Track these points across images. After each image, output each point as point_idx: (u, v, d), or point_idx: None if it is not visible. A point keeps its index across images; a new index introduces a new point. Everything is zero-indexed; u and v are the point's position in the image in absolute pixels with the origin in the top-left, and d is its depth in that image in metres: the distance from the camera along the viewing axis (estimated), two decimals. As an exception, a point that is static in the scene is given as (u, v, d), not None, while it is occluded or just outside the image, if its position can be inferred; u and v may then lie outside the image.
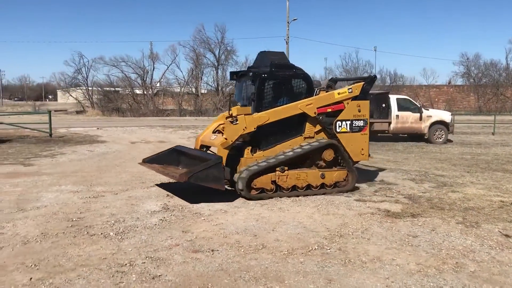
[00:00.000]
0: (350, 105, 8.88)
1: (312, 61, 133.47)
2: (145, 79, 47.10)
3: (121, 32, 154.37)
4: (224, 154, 7.91)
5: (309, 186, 8.30)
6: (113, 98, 45.07)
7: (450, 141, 18.70)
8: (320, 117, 8.62)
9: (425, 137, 18.20)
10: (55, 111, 41.71)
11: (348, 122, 8.82)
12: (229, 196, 7.91)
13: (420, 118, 17.96)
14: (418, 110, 18.09)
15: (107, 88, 47.04)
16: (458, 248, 5.50)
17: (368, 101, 9.13)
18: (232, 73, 9.55)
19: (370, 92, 20.47)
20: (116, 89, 47.51)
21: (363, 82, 9.19)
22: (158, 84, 49.34)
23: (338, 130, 8.74)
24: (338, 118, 8.73)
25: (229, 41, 58.02)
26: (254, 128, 8.21)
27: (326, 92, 9.01)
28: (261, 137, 8.45)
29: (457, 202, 7.82)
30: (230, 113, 8.16)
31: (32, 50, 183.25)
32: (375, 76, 10.04)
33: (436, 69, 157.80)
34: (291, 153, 8.24)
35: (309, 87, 8.90)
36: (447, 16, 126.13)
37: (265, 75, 8.39)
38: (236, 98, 9.28)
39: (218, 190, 7.54)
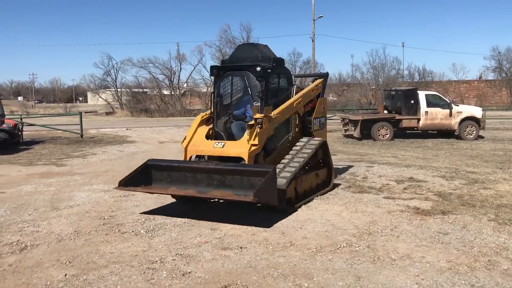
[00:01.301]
0: (319, 102, 8.88)
1: (339, 58, 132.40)
2: (172, 79, 47.57)
3: (149, 34, 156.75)
4: (251, 162, 6.91)
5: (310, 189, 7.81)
6: (141, 99, 45.69)
7: (481, 137, 18.28)
8: (305, 115, 8.54)
9: (456, 133, 17.86)
10: (85, 112, 42.61)
11: (318, 120, 8.81)
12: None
13: (450, 114, 17.63)
14: (447, 106, 17.77)
15: (136, 89, 47.73)
16: (490, 245, 5.39)
17: (326, 98, 9.11)
18: (214, 68, 8.02)
19: (398, 88, 20.34)
20: (144, 90, 48.17)
21: (322, 79, 9.10)
22: (185, 85, 49.75)
23: (314, 128, 8.66)
24: (314, 116, 8.64)
25: (254, 40, 57.80)
26: (273, 131, 7.52)
27: (301, 89, 8.73)
28: (268, 140, 7.50)
29: (489, 199, 7.65)
30: (211, 113, 7.65)
31: (62, 54, 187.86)
32: (327, 73, 9.69)
33: (466, 64, 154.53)
34: (304, 155, 7.63)
35: (290, 83, 8.63)
36: (476, 10, 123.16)
37: (270, 70, 7.68)
38: (217, 96, 7.97)
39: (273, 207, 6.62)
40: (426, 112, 17.56)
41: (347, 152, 14.20)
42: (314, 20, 36.57)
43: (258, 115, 7.03)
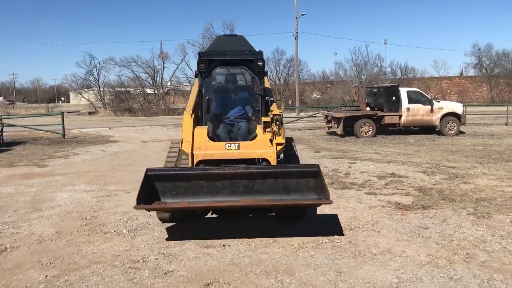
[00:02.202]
0: None
1: (322, 56, 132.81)
2: (155, 78, 47.32)
3: (131, 33, 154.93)
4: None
5: None
6: (125, 98, 45.39)
7: (462, 132, 18.55)
8: None
9: (437, 129, 18.08)
10: (67, 112, 42.17)
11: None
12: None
13: (431, 110, 17.85)
14: (429, 102, 17.99)
15: (118, 89, 47.38)
16: (469, 238, 5.50)
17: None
18: (203, 62, 6.74)
19: (380, 85, 20.52)
20: (127, 89, 47.84)
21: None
22: (168, 83, 49.50)
23: None
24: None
25: (238, 38, 57.85)
26: None
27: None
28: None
29: (469, 193, 7.79)
30: (200, 113, 6.70)
31: (43, 53, 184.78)
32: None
33: (448, 61, 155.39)
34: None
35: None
36: (457, 7, 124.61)
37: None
38: (206, 94, 6.87)
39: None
40: (408, 108, 17.75)
41: (330, 149, 14.29)
42: (297, 18, 36.66)
43: (276, 111, 6.12)
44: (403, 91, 18.07)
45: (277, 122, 5.99)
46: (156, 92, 46.67)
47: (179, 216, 6.07)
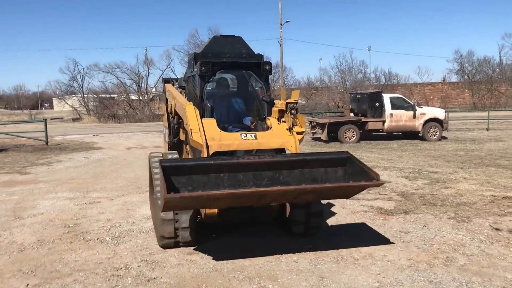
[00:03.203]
0: None
1: (307, 62, 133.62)
2: (140, 84, 47.09)
3: (116, 39, 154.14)
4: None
5: None
6: (109, 105, 45.05)
7: (444, 138, 18.81)
8: None
9: (420, 134, 18.33)
10: (51, 119, 41.75)
11: None
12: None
13: (414, 116, 18.09)
14: (411, 108, 18.22)
15: (103, 95, 47.00)
16: (449, 242, 5.59)
17: None
18: (205, 64, 6.01)
19: (364, 91, 20.73)
20: (112, 95, 47.50)
21: None
22: (153, 90, 49.29)
23: None
24: None
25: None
26: None
27: None
28: None
29: (450, 198, 7.91)
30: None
31: (26, 59, 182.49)
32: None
33: (431, 67, 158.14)
34: None
35: None
36: (440, 14, 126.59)
37: None
38: (207, 100, 6.14)
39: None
40: (391, 114, 17.97)
41: (315, 155, 14.35)
42: (281, 24, 36.91)
43: (290, 99, 5.70)
44: (386, 97, 18.29)
45: (293, 111, 5.61)
46: (141, 98, 46.45)
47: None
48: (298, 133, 5.57)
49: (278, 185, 4.95)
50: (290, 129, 5.60)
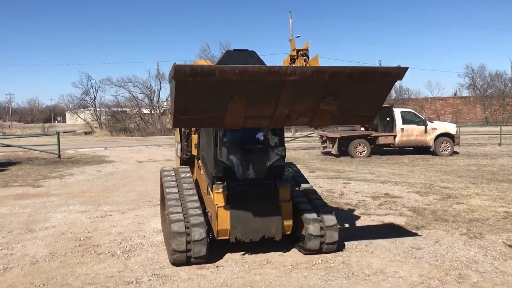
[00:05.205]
0: None
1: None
2: (152, 98, 47.58)
3: (128, 53, 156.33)
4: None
5: None
6: (121, 118, 45.52)
7: (456, 153, 18.68)
8: None
9: (431, 149, 18.22)
10: (63, 132, 42.19)
11: None
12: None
13: (425, 131, 18.01)
14: (423, 122, 18.16)
15: (115, 109, 47.56)
16: (461, 259, 5.53)
17: None
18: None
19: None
20: (124, 109, 48.03)
21: None
22: (165, 103, 49.74)
23: None
24: None
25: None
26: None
27: None
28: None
29: (462, 214, 7.84)
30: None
31: (40, 73, 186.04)
32: None
33: (441, 82, 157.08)
34: None
35: None
36: (450, 28, 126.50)
37: None
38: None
39: None
40: (402, 129, 17.91)
41: (325, 169, 14.35)
42: (292, 39, 37.10)
43: (300, 48, 5.79)
44: (397, 112, 18.25)
45: (305, 57, 5.54)
46: (152, 112, 46.84)
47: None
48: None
49: None
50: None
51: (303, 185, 6.64)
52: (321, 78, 4.32)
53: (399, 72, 4.53)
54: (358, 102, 4.77)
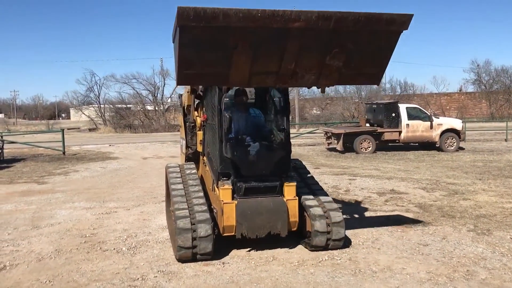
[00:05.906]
0: None
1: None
2: (156, 95, 47.52)
3: (132, 50, 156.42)
4: None
5: None
6: (125, 115, 45.51)
7: (462, 148, 18.58)
8: None
9: (437, 145, 18.13)
10: (68, 129, 42.25)
11: None
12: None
13: (431, 127, 17.92)
14: (428, 118, 18.07)
15: (119, 105, 47.56)
16: (469, 255, 5.48)
17: None
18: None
19: (380, 102, 20.60)
20: (128, 106, 48.02)
21: None
22: (169, 100, 49.72)
23: None
24: None
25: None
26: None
27: None
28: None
29: (469, 210, 7.78)
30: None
31: (44, 70, 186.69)
32: None
33: (447, 77, 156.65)
34: None
35: None
36: (456, 24, 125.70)
37: None
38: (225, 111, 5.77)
39: None
40: (407, 124, 17.82)
41: (330, 166, 14.30)
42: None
43: None
44: (403, 108, 18.16)
45: None
46: (156, 108, 46.82)
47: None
48: None
49: None
50: None
51: (309, 181, 6.61)
52: (326, 26, 4.22)
53: (404, 20, 4.47)
54: (364, 57, 4.72)
